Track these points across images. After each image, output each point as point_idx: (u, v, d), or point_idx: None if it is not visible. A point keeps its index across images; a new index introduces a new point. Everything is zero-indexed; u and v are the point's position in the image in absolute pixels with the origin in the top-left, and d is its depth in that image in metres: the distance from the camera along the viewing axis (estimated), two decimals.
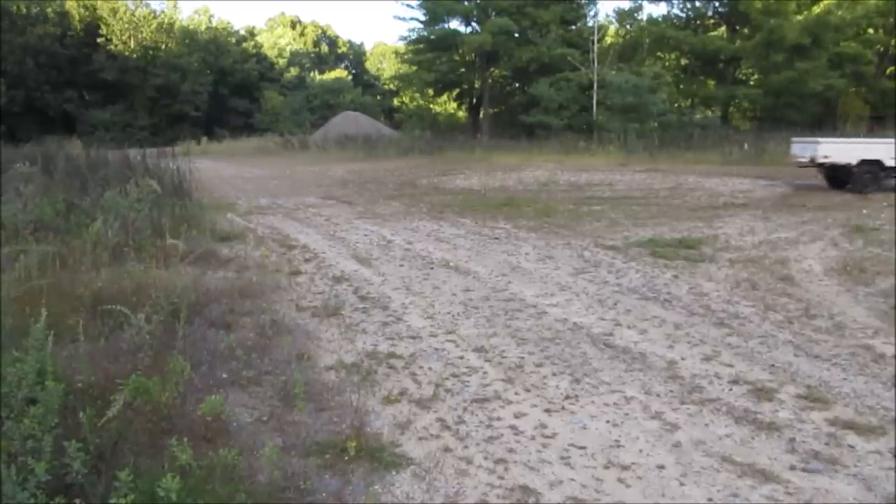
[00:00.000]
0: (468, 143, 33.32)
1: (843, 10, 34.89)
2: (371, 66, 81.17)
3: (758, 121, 38.58)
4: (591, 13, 43.66)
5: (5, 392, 2.83)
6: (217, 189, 16.77)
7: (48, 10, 52.58)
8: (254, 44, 70.01)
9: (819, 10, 35.41)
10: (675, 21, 41.33)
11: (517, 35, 40.19)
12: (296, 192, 17.25)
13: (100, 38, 52.61)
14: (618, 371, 4.47)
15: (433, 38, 43.20)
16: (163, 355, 3.81)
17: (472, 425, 3.68)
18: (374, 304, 6.18)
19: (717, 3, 40.53)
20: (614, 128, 30.27)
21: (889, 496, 2.98)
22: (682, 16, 41.89)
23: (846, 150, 15.41)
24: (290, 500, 2.85)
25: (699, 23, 41.71)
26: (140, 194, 7.66)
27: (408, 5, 56.67)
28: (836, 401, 3.98)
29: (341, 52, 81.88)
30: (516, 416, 3.79)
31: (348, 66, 79.24)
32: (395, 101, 58.38)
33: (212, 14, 77.57)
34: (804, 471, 3.19)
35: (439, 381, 4.26)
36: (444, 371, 4.47)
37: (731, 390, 4.14)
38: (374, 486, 3.02)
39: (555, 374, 4.42)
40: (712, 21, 41.88)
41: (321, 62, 75.03)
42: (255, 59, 66.06)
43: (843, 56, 35.06)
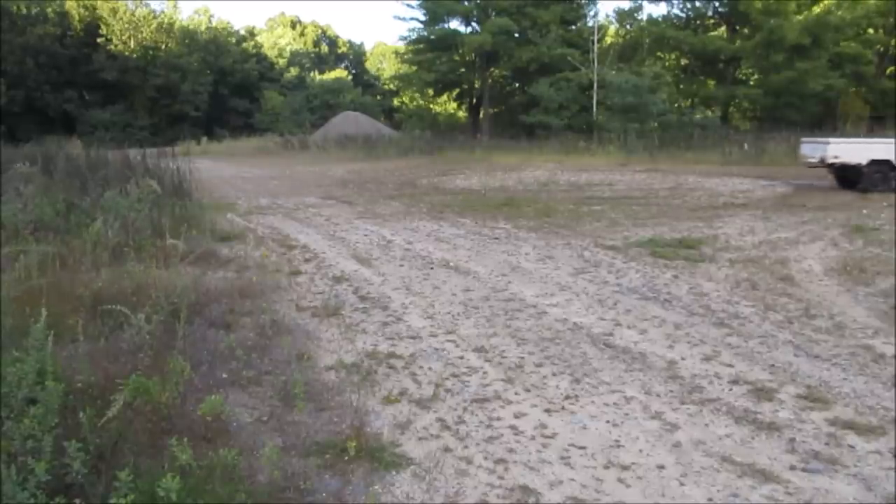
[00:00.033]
0: (468, 143, 33.31)
1: (843, 10, 34.90)
2: (371, 66, 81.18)
3: (758, 121, 38.58)
4: (591, 13, 43.84)
5: (5, 392, 2.83)
6: (217, 189, 16.76)
7: (48, 10, 52.60)
8: (254, 44, 70.02)
9: (819, 10, 35.45)
10: (675, 21, 41.34)
11: (517, 35, 40.22)
12: (296, 192, 17.24)
13: (100, 38, 52.63)
14: (618, 371, 4.47)
15: (433, 38, 43.24)
16: (163, 355, 3.81)
17: (472, 425, 3.68)
18: (374, 304, 6.19)
19: (717, 3, 40.56)
20: (614, 128, 30.27)
21: (889, 496, 2.98)
22: (682, 16, 41.92)
23: (856, 151, 15.38)
24: (290, 500, 2.85)
25: (699, 23, 41.73)
26: (140, 194, 7.66)
27: (408, 5, 56.91)
28: (836, 401, 3.98)
29: (341, 52, 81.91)
30: (516, 416, 3.79)
31: (348, 66, 79.24)
32: (395, 101, 58.38)
33: (212, 14, 77.65)
34: (804, 471, 3.19)
35: (439, 381, 4.26)
36: (444, 371, 4.47)
37: (731, 390, 4.14)
38: (374, 486, 3.02)
39: (555, 374, 4.42)
40: (712, 21, 41.90)
41: (321, 62, 75.03)
42: (255, 59, 66.08)
43: (843, 56, 35.09)
